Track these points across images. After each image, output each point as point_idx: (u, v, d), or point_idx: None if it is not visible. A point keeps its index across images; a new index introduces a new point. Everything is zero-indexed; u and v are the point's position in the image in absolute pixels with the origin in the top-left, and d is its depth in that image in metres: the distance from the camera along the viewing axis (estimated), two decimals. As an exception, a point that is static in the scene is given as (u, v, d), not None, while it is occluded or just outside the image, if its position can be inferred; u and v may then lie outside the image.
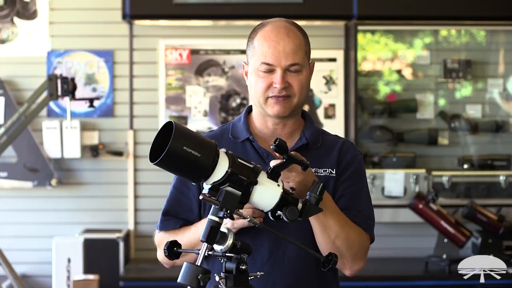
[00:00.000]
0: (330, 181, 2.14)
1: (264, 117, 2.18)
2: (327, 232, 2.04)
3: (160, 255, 2.18)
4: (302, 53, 2.10)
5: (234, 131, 2.21)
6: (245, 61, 2.19)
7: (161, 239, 2.20)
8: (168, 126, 1.80)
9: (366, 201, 2.19)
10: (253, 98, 2.16)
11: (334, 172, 2.16)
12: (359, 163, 2.20)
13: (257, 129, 2.19)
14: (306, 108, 5.33)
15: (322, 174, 2.15)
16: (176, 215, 2.20)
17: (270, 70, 2.09)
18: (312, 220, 2.03)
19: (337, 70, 5.29)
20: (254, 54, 2.12)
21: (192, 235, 2.12)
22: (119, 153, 5.27)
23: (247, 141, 2.18)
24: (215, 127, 5.28)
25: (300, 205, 1.89)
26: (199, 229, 2.07)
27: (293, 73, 2.09)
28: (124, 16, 5.07)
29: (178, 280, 1.76)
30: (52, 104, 5.20)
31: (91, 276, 4.73)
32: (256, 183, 1.85)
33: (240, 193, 1.83)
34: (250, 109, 2.24)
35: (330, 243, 2.04)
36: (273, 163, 1.91)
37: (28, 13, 5.28)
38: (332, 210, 2.05)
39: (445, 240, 4.88)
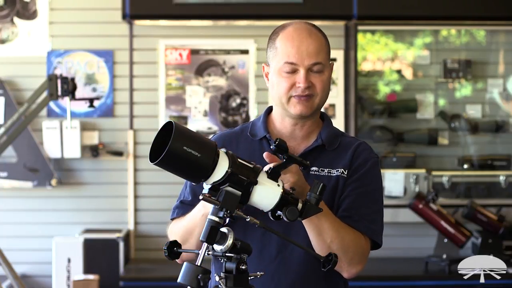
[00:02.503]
0: (340, 181, 2.14)
1: (283, 118, 2.19)
2: (322, 236, 2.03)
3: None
4: (324, 53, 2.13)
5: (253, 129, 2.23)
6: (266, 63, 2.19)
7: (170, 227, 2.21)
8: (168, 126, 1.80)
9: (372, 204, 2.16)
10: (275, 99, 2.17)
11: (345, 173, 2.15)
12: (372, 166, 2.19)
13: (275, 129, 2.21)
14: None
15: (334, 175, 2.15)
16: (191, 203, 2.18)
17: (293, 70, 2.10)
18: (307, 224, 2.02)
19: (337, 70, 5.29)
20: (277, 54, 2.13)
21: (188, 219, 2.11)
22: (119, 153, 5.27)
23: (264, 140, 2.19)
24: (215, 127, 5.31)
25: (300, 205, 1.89)
26: (194, 212, 2.08)
27: (316, 73, 2.11)
28: (124, 16, 5.07)
29: (178, 280, 1.76)
30: (52, 104, 5.20)
31: (91, 276, 4.73)
32: (256, 183, 1.85)
33: (240, 193, 1.83)
34: (270, 110, 2.26)
35: (325, 247, 2.04)
36: (268, 166, 1.92)
37: (28, 13, 5.28)
38: (327, 214, 2.03)
39: (445, 240, 4.88)
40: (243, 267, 1.84)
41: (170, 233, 2.19)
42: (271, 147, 1.89)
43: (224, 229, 1.83)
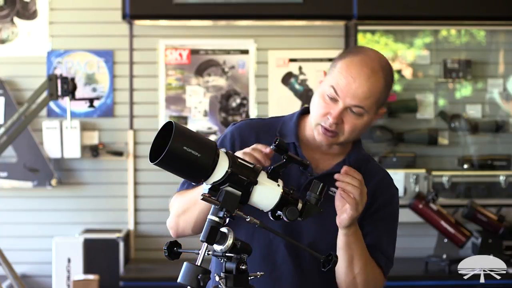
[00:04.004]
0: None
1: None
2: (352, 265, 2.04)
3: (168, 221, 2.16)
4: (372, 99, 2.01)
5: (283, 129, 2.16)
6: (326, 71, 2.11)
7: (173, 199, 2.17)
8: (168, 126, 1.80)
9: (392, 241, 2.18)
10: (310, 113, 2.10)
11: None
12: (396, 204, 2.17)
13: (305, 136, 2.14)
14: (306, 108, 5.33)
15: None
16: None
17: (334, 99, 2.02)
18: (341, 251, 2.02)
19: (337, 70, 5.28)
20: (331, 74, 2.05)
21: (189, 197, 2.09)
22: (119, 153, 5.27)
23: (292, 145, 2.13)
24: (215, 127, 5.31)
25: (300, 205, 1.88)
26: (196, 191, 2.05)
27: (353, 114, 2.02)
28: (124, 16, 5.07)
29: (178, 280, 1.76)
30: (52, 104, 5.20)
31: (91, 276, 4.73)
32: (256, 183, 1.85)
33: (240, 193, 1.83)
34: (305, 111, 2.17)
35: (351, 277, 2.05)
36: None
37: (28, 13, 5.28)
38: (363, 246, 2.05)
39: (445, 240, 4.88)
40: (243, 267, 1.84)
41: (171, 206, 2.17)
42: (271, 146, 1.89)
43: (224, 229, 1.83)
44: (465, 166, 5.34)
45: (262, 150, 1.93)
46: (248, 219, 1.85)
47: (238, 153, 1.94)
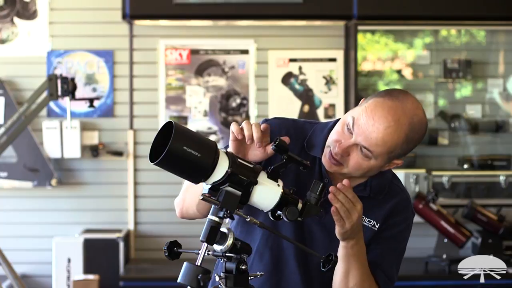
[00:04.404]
0: (369, 234, 2.08)
1: None
2: (347, 278, 2.02)
3: (176, 198, 2.15)
4: (383, 149, 1.96)
5: (312, 139, 2.11)
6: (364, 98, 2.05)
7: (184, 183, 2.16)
8: (168, 126, 1.80)
9: (395, 261, 2.15)
10: None
11: (377, 227, 2.09)
12: (407, 227, 2.14)
13: None
14: (306, 108, 5.33)
15: (365, 224, 2.08)
16: None
17: (350, 131, 1.98)
18: (339, 263, 2.00)
19: (337, 70, 5.29)
20: (361, 105, 2.00)
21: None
22: (119, 153, 5.27)
23: (317, 159, 2.09)
24: (215, 127, 5.31)
25: (300, 205, 1.88)
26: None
27: (360, 153, 1.98)
28: (124, 16, 5.07)
29: (178, 280, 1.76)
30: (52, 104, 5.20)
31: (91, 276, 4.73)
32: (256, 183, 1.85)
33: (240, 193, 1.83)
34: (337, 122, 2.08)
35: None
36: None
37: (28, 13, 5.28)
38: (363, 262, 2.03)
39: (445, 240, 4.88)
40: (243, 267, 1.83)
41: (183, 185, 2.16)
42: (271, 147, 1.88)
43: (224, 229, 1.83)
44: (465, 166, 5.34)
45: (262, 129, 1.92)
46: (248, 219, 1.85)
47: (244, 123, 1.93)
